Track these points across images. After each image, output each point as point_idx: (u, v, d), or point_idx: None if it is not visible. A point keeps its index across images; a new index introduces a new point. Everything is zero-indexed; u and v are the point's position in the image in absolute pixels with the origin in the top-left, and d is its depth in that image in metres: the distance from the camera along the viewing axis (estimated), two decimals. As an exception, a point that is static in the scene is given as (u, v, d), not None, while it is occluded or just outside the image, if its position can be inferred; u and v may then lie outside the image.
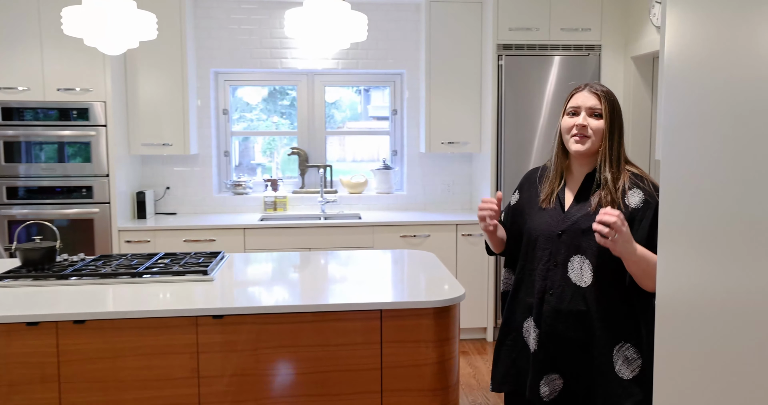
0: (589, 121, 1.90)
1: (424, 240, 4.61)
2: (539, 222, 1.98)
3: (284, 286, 2.66)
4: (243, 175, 5.39)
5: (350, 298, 2.45)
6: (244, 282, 2.74)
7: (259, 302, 2.40)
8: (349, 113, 5.44)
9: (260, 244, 4.50)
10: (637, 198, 1.85)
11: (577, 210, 1.92)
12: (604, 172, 1.89)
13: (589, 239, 1.86)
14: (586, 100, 1.91)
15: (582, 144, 1.90)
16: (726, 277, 1.05)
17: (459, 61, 4.78)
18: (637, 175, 1.91)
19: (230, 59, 4.98)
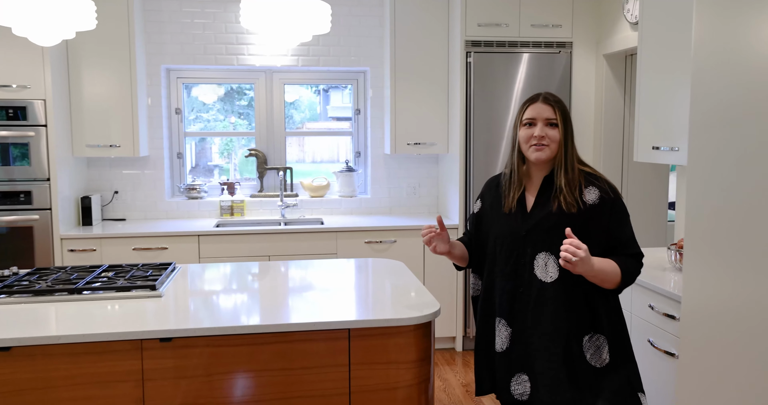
0: (546, 131, 2.03)
1: (390, 246, 4.39)
2: (504, 225, 2.09)
3: (242, 302, 2.40)
4: (199, 177, 5.09)
5: (315, 316, 2.21)
6: (197, 298, 2.47)
7: (214, 322, 2.14)
8: (308, 114, 5.19)
9: (216, 251, 4.21)
10: (593, 195, 2.01)
11: (539, 211, 2.04)
12: (560, 177, 2.03)
13: (551, 237, 2.00)
14: (542, 111, 2.04)
15: (542, 152, 2.03)
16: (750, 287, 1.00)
17: (425, 59, 4.57)
18: (590, 174, 2.06)
19: (183, 55, 4.68)
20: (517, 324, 2.03)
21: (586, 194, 2.01)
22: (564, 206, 1.99)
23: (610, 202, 2.00)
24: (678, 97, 2.94)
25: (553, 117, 2.04)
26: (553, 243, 1.99)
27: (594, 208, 1.99)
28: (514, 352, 2.03)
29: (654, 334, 2.67)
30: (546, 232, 2.01)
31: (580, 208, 1.99)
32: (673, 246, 2.94)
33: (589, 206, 1.99)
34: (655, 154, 3.13)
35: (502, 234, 2.09)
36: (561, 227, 1.99)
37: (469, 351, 4.54)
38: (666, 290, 2.57)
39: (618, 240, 2.00)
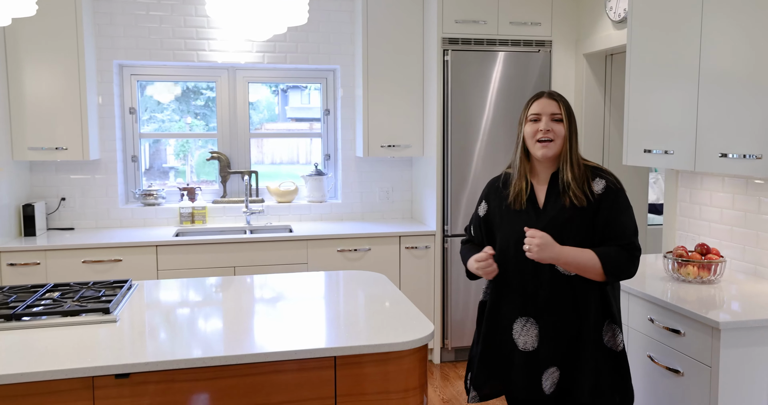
0: (552, 126, 2.06)
1: (365, 254, 4.14)
2: (517, 223, 2.10)
3: (209, 327, 2.11)
4: (154, 180, 4.75)
5: (294, 342, 1.94)
6: (157, 322, 2.18)
7: (178, 351, 1.86)
8: (267, 114, 4.90)
9: (176, 263, 3.89)
10: (600, 185, 2.06)
11: (552, 206, 2.07)
12: (566, 172, 2.06)
13: (568, 231, 2.04)
14: (547, 106, 2.07)
15: (548, 149, 2.05)
16: None
17: (400, 56, 4.33)
18: (596, 167, 2.12)
19: (137, 50, 4.34)
20: (543, 320, 2.05)
21: (594, 186, 2.06)
22: (576, 201, 2.03)
23: (615, 191, 2.05)
24: (671, 97, 2.76)
25: (558, 112, 2.07)
26: (568, 237, 2.03)
27: (601, 196, 2.04)
28: (544, 347, 2.05)
29: (655, 349, 2.48)
30: (562, 227, 2.03)
31: (590, 200, 2.04)
32: (669, 254, 2.76)
33: (597, 197, 2.04)
34: (646, 157, 2.96)
35: (516, 231, 2.09)
36: (575, 221, 2.03)
37: (448, 363, 4.31)
38: (667, 302, 2.38)
39: (611, 228, 2.03)
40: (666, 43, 2.81)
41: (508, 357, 2.10)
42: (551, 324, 2.04)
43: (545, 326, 2.05)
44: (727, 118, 2.45)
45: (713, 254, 2.64)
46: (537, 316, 2.06)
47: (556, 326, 2.04)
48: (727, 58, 2.46)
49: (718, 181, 2.97)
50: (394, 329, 2.07)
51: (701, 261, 2.60)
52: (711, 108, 2.54)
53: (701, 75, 2.59)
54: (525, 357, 2.06)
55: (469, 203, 4.16)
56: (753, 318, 2.14)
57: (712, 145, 2.53)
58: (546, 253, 1.96)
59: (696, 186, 3.12)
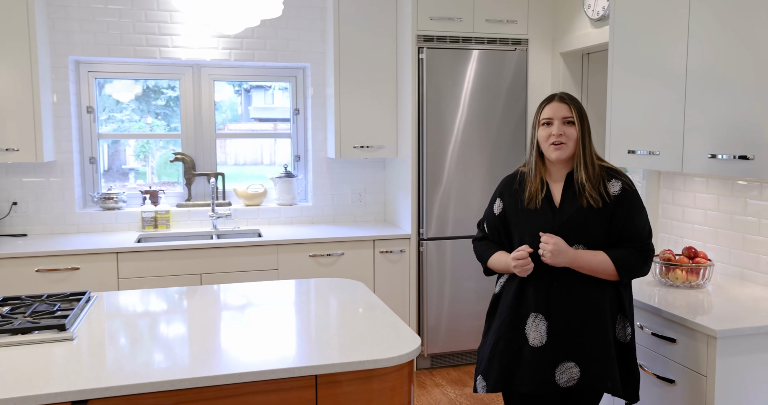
0: (564, 129, 2.10)
1: (338, 259, 3.99)
2: (533, 222, 2.13)
3: (175, 344, 1.95)
4: (113, 182, 4.53)
5: (271, 360, 1.79)
6: (118, 339, 2.00)
7: (143, 374, 1.69)
8: (230, 114, 4.72)
9: (138, 270, 3.69)
10: (617, 187, 2.10)
11: (569, 206, 2.11)
12: (581, 173, 2.10)
13: (584, 231, 2.08)
14: (558, 110, 2.11)
15: (561, 151, 2.10)
16: None
17: (373, 54, 4.20)
18: (611, 168, 2.17)
19: (95, 46, 4.12)
20: (555, 317, 2.06)
21: (610, 187, 2.10)
22: (592, 202, 2.07)
23: (631, 193, 2.10)
24: (656, 97, 2.68)
25: (570, 115, 2.11)
26: (584, 236, 2.07)
27: (617, 198, 2.08)
28: (557, 343, 2.06)
29: (645, 357, 2.39)
30: (578, 226, 2.07)
31: (606, 201, 2.08)
32: (656, 257, 2.67)
33: (614, 198, 2.08)
34: (630, 159, 2.88)
35: (534, 230, 2.11)
36: (591, 221, 2.07)
37: (424, 370, 4.19)
38: (658, 309, 2.29)
39: (628, 230, 2.07)
40: (650, 40, 2.73)
41: (518, 352, 2.10)
42: (563, 320, 2.06)
43: (556, 322, 2.06)
44: (717, 119, 2.37)
45: (701, 258, 2.57)
46: (547, 312, 2.07)
47: (568, 322, 2.05)
48: (715, 57, 2.38)
49: (702, 182, 2.91)
50: (377, 343, 1.93)
51: (689, 265, 2.52)
52: (699, 108, 2.46)
53: (688, 74, 2.51)
54: (534, 352, 2.07)
55: (443, 205, 4.05)
56: (749, 325, 2.06)
57: (700, 145, 2.46)
58: (560, 258, 2.02)
59: (679, 187, 3.06)
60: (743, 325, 2.07)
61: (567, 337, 2.05)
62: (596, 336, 2.05)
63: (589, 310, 2.05)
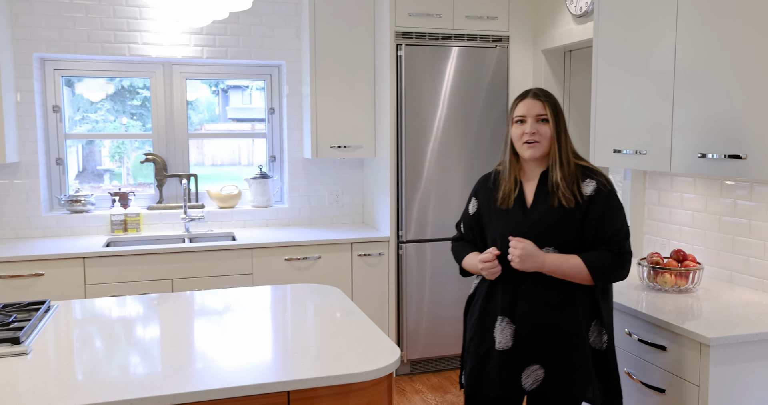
0: (537, 128, 2.03)
1: (314, 263, 3.87)
2: (505, 222, 2.07)
3: (139, 358, 1.82)
4: (88, 183, 4.37)
5: (239, 375, 1.67)
6: (77, 353, 1.86)
7: (102, 393, 1.56)
8: (207, 115, 4.58)
9: (106, 276, 3.54)
10: (591, 186, 2.01)
11: (540, 206, 2.04)
12: (556, 172, 2.03)
13: (554, 232, 2.01)
14: (531, 107, 2.04)
15: (534, 149, 2.03)
16: None
17: (350, 52, 4.08)
18: (587, 168, 2.07)
19: (60, 42, 3.96)
20: (521, 321, 2.02)
21: (584, 187, 2.02)
22: (564, 202, 2.00)
23: (606, 193, 2.01)
24: (642, 95, 2.60)
25: (543, 112, 2.03)
26: (555, 238, 2.00)
27: (591, 199, 2.00)
28: (522, 347, 2.01)
29: (633, 364, 2.31)
30: (548, 228, 2.01)
31: (578, 202, 2.00)
32: (644, 261, 2.59)
33: (587, 198, 2.00)
34: (616, 158, 2.79)
35: (504, 231, 2.07)
36: (562, 223, 2.00)
37: (404, 376, 4.08)
38: (647, 315, 2.20)
39: (602, 231, 1.99)
40: (636, 36, 2.65)
41: (486, 354, 2.08)
42: (529, 324, 2.01)
43: (522, 326, 2.01)
44: (706, 117, 2.29)
45: (690, 261, 2.49)
46: (513, 316, 2.03)
47: (534, 326, 2.00)
48: (705, 52, 2.30)
49: (690, 182, 2.83)
50: (355, 356, 1.82)
51: (678, 268, 2.44)
52: (688, 106, 2.38)
53: (677, 70, 2.43)
54: (501, 356, 2.03)
55: (422, 206, 3.95)
56: (744, 332, 1.98)
57: (689, 144, 2.37)
58: (529, 263, 1.95)
59: (665, 187, 2.98)
60: (737, 332, 1.98)
61: (533, 341, 2.01)
62: (565, 341, 1.99)
63: (557, 314, 1.99)
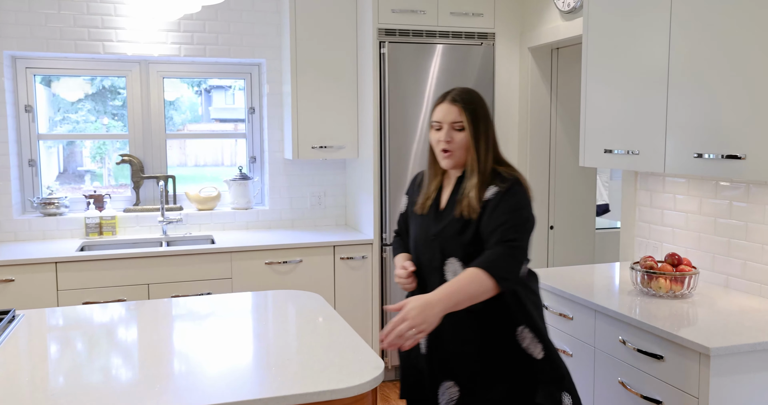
0: (453, 136, 1.90)
1: (296, 267, 3.75)
2: (419, 227, 2.01)
3: (109, 374, 1.69)
4: (69, 184, 4.22)
5: (218, 392, 1.55)
6: (42, 370, 1.73)
7: (58, 417, 1.44)
8: (190, 115, 4.45)
9: (80, 281, 3.40)
10: (490, 192, 1.86)
11: (447, 215, 1.94)
12: (469, 181, 1.90)
13: (458, 242, 1.88)
14: (447, 114, 1.91)
15: (449, 159, 1.92)
16: None
17: (332, 49, 3.96)
18: (499, 174, 1.90)
19: (32, 40, 3.81)
20: (432, 334, 1.90)
21: (486, 194, 1.88)
22: (465, 212, 1.88)
23: (503, 194, 1.84)
24: (635, 93, 2.51)
25: (459, 120, 1.90)
26: (458, 249, 1.88)
27: (487, 202, 1.86)
28: (435, 358, 1.92)
29: (628, 374, 2.22)
30: (453, 238, 1.89)
31: (479, 211, 1.87)
32: (637, 265, 2.50)
33: (484, 202, 1.87)
34: (607, 158, 2.70)
35: (417, 236, 2.01)
36: (463, 234, 1.87)
37: (388, 382, 3.98)
38: (642, 322, 2.11)
39: (491, 226, 1.81)
40: (628, 32, 2.56)
41: (413, 362, 2.01)
42: (440, 337, 1.89)
43: (432, 337, 1.91)
44: (703, 115, 2.21)
45: (685, 265, 2.40)
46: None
47: (444, 340, 1.89)
48: (700, 49, 2.21)
49: (683, 183, 2.75)
50: (338, 369, 1.71)
51: (673, 273, 2.35)
52: (683, 104, 2.29)
53: (671, 68, 2.34)
54: (424, 361, 1.96)
55: (409, 209, 3.84)
56: (746, 342, 1.89)
57: (684, 144, 2.29)
58: (430, 318, 1.67)
59: (657, 188, 2.90)
60: (738, 341, 1.89)
61: (443, 356, 1.90)
62: (478, 355, 1.85)
63: (467, 327, 1.86)
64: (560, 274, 2.78)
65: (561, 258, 4.04)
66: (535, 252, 4.00)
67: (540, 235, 4.00)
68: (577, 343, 2.48)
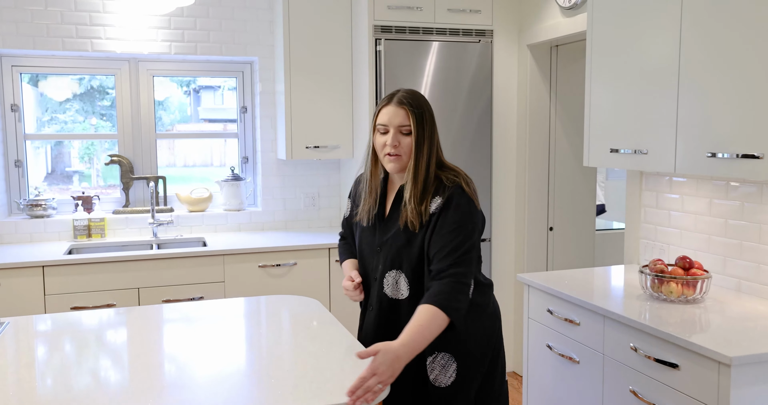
0: (400, 140, 1.85)
1: (290, 270, 3.65)
2: (362, 237, 1.98)
3: (89, 390, 1.59)
4: (57, 185, 4.11)
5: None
6: (18, 383, 1.63)
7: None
8: (179, 115, 4.34)
9: (67, 286, 3.29)
10: (436, 204, 1.83)
11: (391, 226, 1.90)
12: (408, 190, 1.85)
13: (402, 255, 1.86)
14: (394, 117, 1.85)
15: (396, 163, 1.87)
16: None
17: (326, 47, 3.86)
18: (441, 182, 1.86)
19: (17, 37, 3.69)
20: (368, 339, 1.95)
21: (432, 205, 1.83)
22: (409, 225, 1.84)
23: (442, 206, 1.81)
24: (642, 90, 2.43)
25: (407, 123, 1.84)
26: (404, 261, 1.86)
27: (432, 216, 1.82)
28: None
29: (640, 383, 2.13)
30: (397, 251, 1.87)
31: (422, 222, 1.83)
32: (646, 268, 2.42)
33: (429, 215, 1.83)
34: (613, 158, 2.62)
35: (361, 247, 1.98)
36: (408, 246, 1.85)
37: (385, 388, 3.88)
38: (654, 328, 2.03)
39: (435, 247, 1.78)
40: (636, 27, 2.48)
41: None
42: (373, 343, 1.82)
43: (370, 343, 1.91)
44: (717, 113, 2.13)
45: (697, 269, 2.32)
46: (365, 341, 1.97)
47: None
48: (713, 43, 2.13)
49: (692, 183, 2.67)
50: (339, 383, 1.61)
51: (686, 277, 2.27)
52: (696, 101, 2.21)
53: (682, 63, 2.26)
54: None
55: (407, 210, 3.75)
56: (766, 350, 1.81)
57: (696, 143, 2.21)
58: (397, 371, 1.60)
59: (664, 189, 2.82)
60: (759, 349, 1.81)
61: None
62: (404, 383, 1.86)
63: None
64: (564, 278, 2.70)
65: (560, 260, 3.96)
66: (534, 254, 3.91)
67: (539, 236, 3.92)
68: (585, 349, 2.40)
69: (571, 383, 2.50)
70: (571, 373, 2.49)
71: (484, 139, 3.82)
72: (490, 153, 3.85)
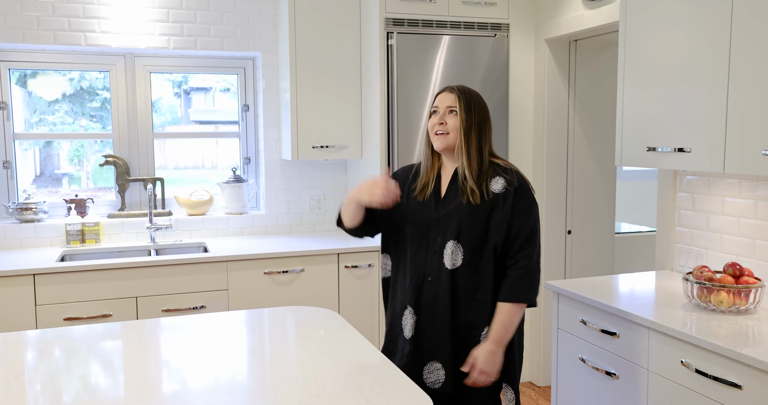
0: (446, 118, 2.04)
1: (297, 276, 3.45)
2: (419, 213, 2.08)
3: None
4: (45, 188, 3.89)
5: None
6: (14, 403, 1.43)
7: None
8: (169, 117, 4.13)
9: (60, 295, 3.08)
10: (499, 185, 2.01)
11: (451, 201, 2.05)
12: (463, 166, 2.03)
13: (461, 227, 2.00)
14: (445, 99, 2.06)
15: (443, 140, 2.04)
16: None
17: (334, 41, 3.67)
18: (500, 165, 2.05)
19: (6, 30, 3.48)
20: (424, 314, 2.05)
21: (492, 185, 2.02)
22: (471, 199, 2.00)
23: (514, 191, 2.00)
24: (685, 84, 2.25)
25: (454, 104, 2.04)
26: (462, 233, 2.01)
27: (497, 197, 2.00)
28: (424, 341, 2.05)
29: (691, 402, 1.95)
30: (456, 222, 2.01)
31: (484, 198, 2.00)
32: (690, 275, 2.24)
33: (493, 196, 2.00)
34: (650, 157, 2.44)
35: (415, 222, 2.09)
36: (469, 219, 2.00)
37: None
38: (712, 343, 1.85)
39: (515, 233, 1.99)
40: (677, 16, 2.30)
41: (395, 342, 2.11)
42: (430, 318, 2.03)
43: (423, 319, 2.05)
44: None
45: (748, 276, 2.14)
46: (417, 307, 2.06)
47: (434, 320, 2.03)
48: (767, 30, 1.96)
49: (734, 184, 2.49)
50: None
51: (737, 286, 2.09)
52: (749, 95, 2.03)
53: (732, 54, 2.08)
54: (406, 346, 2.06)
55: (419, 213, 3.56)
56: (843, 368, 1.63)
57: (750, 139, 2.03)
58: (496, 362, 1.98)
59: (701, 190, 2.64)
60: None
61: (433, 336, 2.03)
62: (467, 338, 2.02)
63: (460, 309, 2.01)
64: (596, 285, 2.52)
65: (579, 264, 3.78)
66: (552, 258, 3.73)
67: (557, 240, 3.74)
68: (625, 364, 2.22)
69: (608, 400, 2.31)
70: (609, 389, 2.30)
71: (499, 138, 3.63)
72: (505, 153, 3.66)
